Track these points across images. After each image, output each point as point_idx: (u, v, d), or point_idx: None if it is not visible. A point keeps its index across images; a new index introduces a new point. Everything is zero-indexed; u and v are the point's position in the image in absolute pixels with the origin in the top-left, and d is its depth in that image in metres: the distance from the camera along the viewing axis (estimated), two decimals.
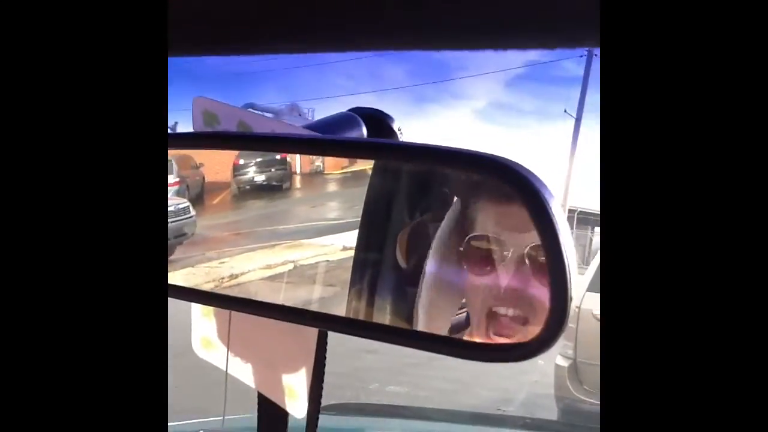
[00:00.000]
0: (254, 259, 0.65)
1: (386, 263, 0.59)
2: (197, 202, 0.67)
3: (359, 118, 0.67)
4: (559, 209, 0.42)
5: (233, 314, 0.73)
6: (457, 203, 0.54)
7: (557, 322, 0.42)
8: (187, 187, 0.67)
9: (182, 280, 0.64)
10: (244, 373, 0.77)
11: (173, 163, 0.67)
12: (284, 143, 0.59)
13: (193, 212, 0.67)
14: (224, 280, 0.65)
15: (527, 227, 0.44)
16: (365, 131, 0.67)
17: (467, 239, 0.52)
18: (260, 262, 0.64)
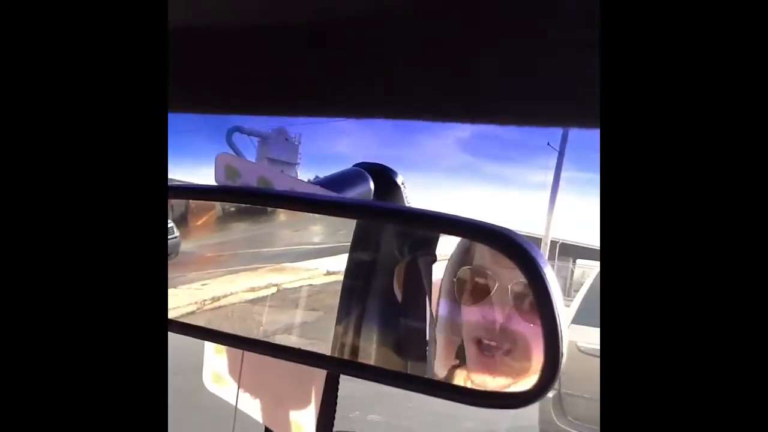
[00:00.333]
0: (237, 281, 0.65)
1: (375, 294, 0.59)
2: (181, 222, 0.67)
3: (366, 173, 0.72)
4: (552, 275, 0.46)
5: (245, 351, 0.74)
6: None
7: (551, 373, 0.45)
8: (171, 207, 0.67)
9: None
10: (252, 408, 0.77)
11: None
12: (302, 203, 0.59)
13: (177, 232, 0.66)
14: (206, 302, 0.65)
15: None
16: (372, 185, 0.72)
17: (459, 270, 0.54)
18: (243, 284, 0.64)
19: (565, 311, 0.46)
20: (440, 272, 0.56)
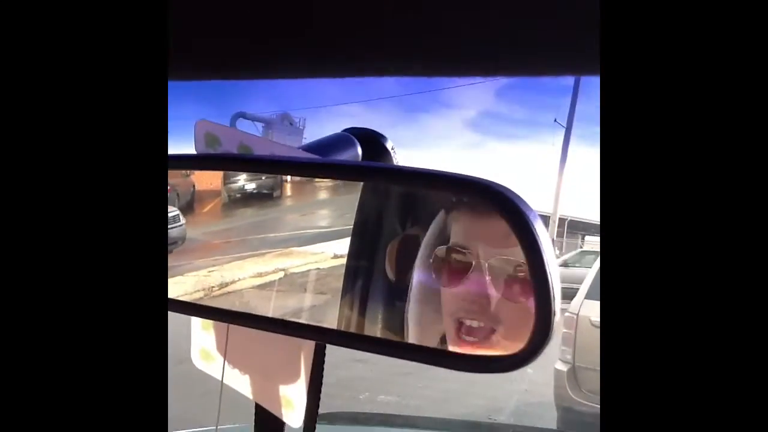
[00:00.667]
0: (244, 267, 0.65)
1: (377, 274, 0.59)
2: (187, 210, 0.67)
3: (354, 138, 0.70)
4: (543, 229, 0.44)
5: (232, 326, 0.73)
6: (441, 214, 0.54)
7: (542, 336, 0.44)
8: (177, 195, 0.67)
9: (172, 288, 0.64)
10: (241, 383, 0.77)
11: None
12: (283, 166, 0.60)
13: (183, 220, 0.66)
14: (214, 288, 0.65)
15: (495, 239, 0.47)
16: (360, 150, 0.69)
17: (435, 249, 0.53)
18: (250, 270, 0.64)
19: (557, 270, 0.44)
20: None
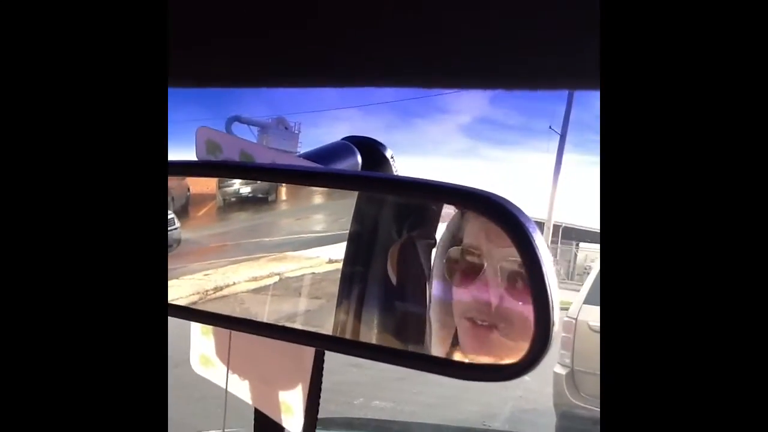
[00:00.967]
0: (239, 271, 0.65)
1: (374, 278, 0.59)
2: (182, 213, 0.67)
3: (354, 146, 0.70)
4: (542, 240, 0.45)
5: (232, 332, 0.73)
6: (456, 215, 0.55)
7: (540, 346, 0.45)
8: (172, 198, 0.67)
9: (168, 292, 0.64)
10: (240, 389, 0.77)
11: None
12: (284, 174, 0.60)
13: (177, 224, 0.66)
14: (209, 292, 0.65)
15: (504, 241, 0.47)
16: (360, 159, 0.70)
17: (447, 253, 0.53)
18: (245, 274, 0.64)
19: (556, 281, 0.45)
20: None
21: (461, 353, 0.54)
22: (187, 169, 0.64)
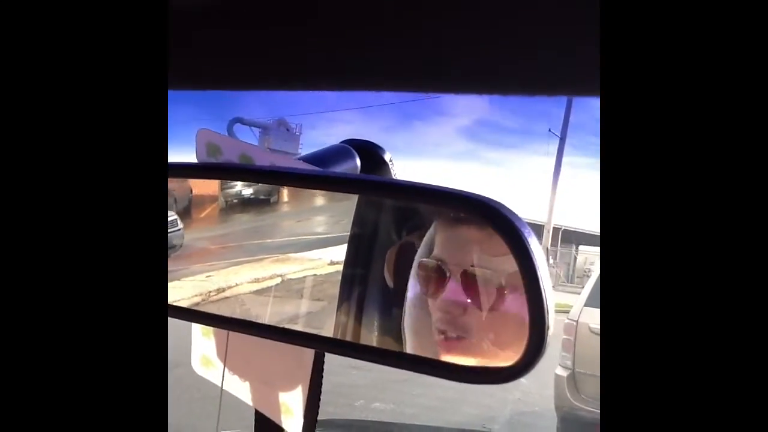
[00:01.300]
0: (241, 272, 0.65)
1: (374, 280, 0.59)
2: (184, 215, 0.67)
3: (353, 149, 0.70)
4: (537, 245, 0.45)
5: (232, 333, 0.74)
6: (433, 226, 0.55)
7: (536, 349, 0.45)
8: (174, 199, 0.67)
9: (170, 293, 0.64)
10: (241, 390, 0.78)
11: None
12: (284, 177, 0.61)
13: (180, 225, 0.67)
14: (211, 293, 0.65)
15: (468, 249, 0.49)
16: (359, 162, 0.70)
17: (416, 262, 0.54)
18: (247, 276, 0.64)
19: (550, 282, 0.45)
20: None
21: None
22: (186, 171, 0.64)
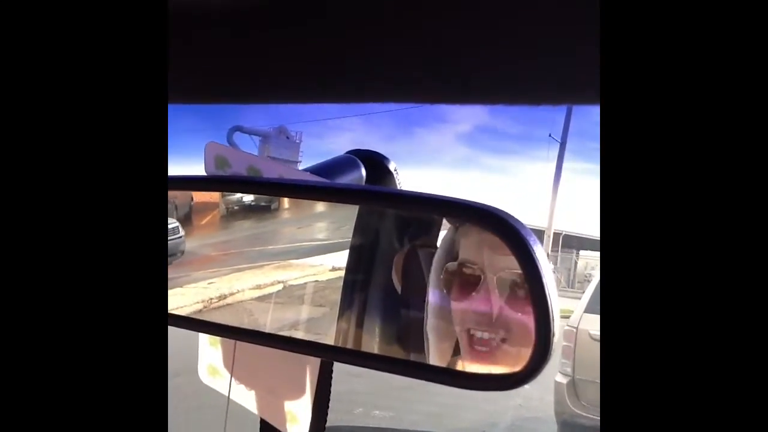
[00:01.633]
0: (243, 279, 0.65)
1: (375, 287, 0.59)
2: (186, 222, 0.67)
3: (358, 160, 0.71)
4: (542, 254, 0.46)
5: (239, 342, 0.74)
6: (450, 231, 0.56)
7: (541, 356, 0.46)
8: (175, 207, 0.67)
9: (172, 300, 0.64)
10: (247, 399, 0.78)
11: None
12: (291, 189, 0.61)
13: (182, 232, 0.67)
14: (213, 300, 0.65)
15: (501, 253, 0.48)
16: (364, 172, 0.71)
17: (445, 267, 0.54)
18: (249, 282, 0.65)
19: (555, 290, 0.46)
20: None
21: (462, 364, 0.54)
22: (187, 184, 0.65)
